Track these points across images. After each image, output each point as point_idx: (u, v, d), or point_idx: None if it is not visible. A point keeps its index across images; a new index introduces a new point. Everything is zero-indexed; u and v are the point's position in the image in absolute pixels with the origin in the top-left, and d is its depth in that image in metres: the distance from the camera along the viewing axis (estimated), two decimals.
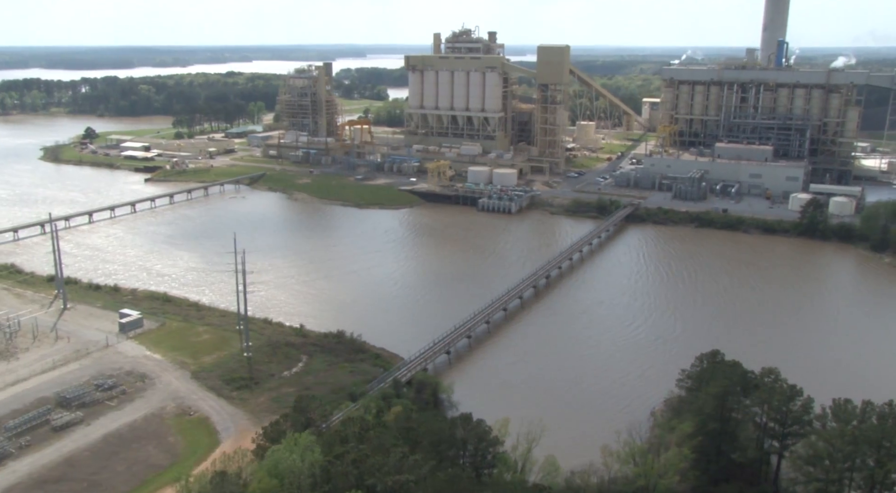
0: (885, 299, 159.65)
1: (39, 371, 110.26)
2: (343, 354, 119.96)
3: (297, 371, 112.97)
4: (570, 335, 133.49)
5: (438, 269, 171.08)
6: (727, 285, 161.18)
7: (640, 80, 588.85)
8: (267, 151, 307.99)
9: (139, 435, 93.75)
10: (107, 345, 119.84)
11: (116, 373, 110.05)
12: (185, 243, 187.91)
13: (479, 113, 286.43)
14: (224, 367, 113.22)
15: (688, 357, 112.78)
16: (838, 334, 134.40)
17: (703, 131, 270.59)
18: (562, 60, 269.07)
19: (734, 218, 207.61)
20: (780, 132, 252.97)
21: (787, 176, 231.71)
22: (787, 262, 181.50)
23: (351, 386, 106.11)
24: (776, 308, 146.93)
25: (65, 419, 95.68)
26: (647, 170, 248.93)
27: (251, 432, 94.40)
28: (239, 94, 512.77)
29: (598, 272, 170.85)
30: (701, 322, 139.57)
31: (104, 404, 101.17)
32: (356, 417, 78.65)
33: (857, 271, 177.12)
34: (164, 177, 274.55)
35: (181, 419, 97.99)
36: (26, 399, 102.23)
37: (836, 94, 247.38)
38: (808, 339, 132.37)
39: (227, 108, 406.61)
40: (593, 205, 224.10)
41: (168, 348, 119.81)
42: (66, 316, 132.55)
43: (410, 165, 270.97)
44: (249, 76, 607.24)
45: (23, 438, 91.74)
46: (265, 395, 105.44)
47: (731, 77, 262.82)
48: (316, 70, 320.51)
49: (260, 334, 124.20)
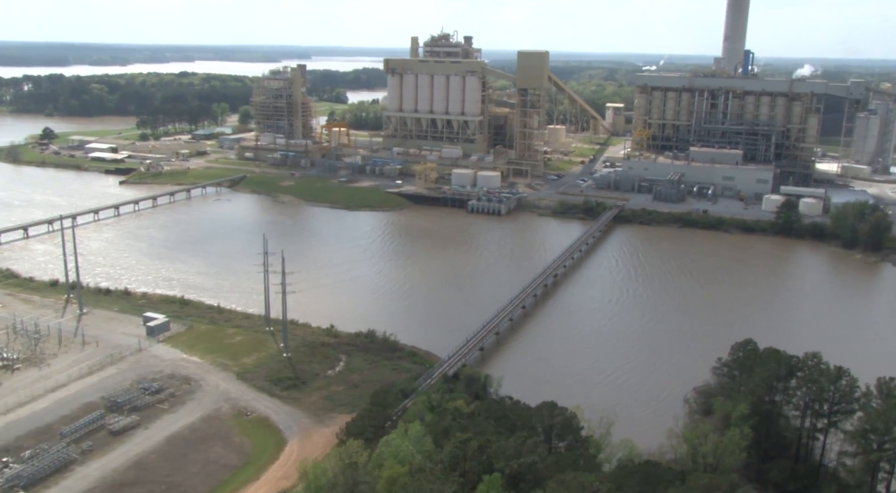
0: (865, 290, 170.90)
1: (77, 377, 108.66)
2: (380, 352, 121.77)
3: (341, 370, 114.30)
4: (591, 329, 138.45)
5: (448, 269, 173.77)
6: (725, 279, 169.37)
7: (593, 85, 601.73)
8: (242, 153, 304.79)
9: (202, 437, 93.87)
10: (139, 349, 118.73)
11: (158, 376, 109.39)
12: (185, 247, 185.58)
13: (459, 116, 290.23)
14: (267, 368, 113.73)
15: (706, 348, 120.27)
16: (841, 322, 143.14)
17: (675, 136, 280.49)
18: (541, 65, 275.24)
19: (715, 218, 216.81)
20: (747, 137, 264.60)
21: (757, 178, 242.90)
22: (772, 259, 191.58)
23: (400, 383, 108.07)
24: (778, 300, 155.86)
25: (122, 423, 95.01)
26: (626, 172, 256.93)
27: (315, 429, 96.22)
28: (196, 95, 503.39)
29: (600, 270, 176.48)
30: (709, 315, 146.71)
31: (156, 408, 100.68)
32: (449, 407, 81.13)
33: (833, 266, 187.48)
34: (139, 179, 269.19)
35: (240, 420, 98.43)
36: (72, 405, 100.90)
37: (798, 102, 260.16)
38: (817, 325, 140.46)
39: (191, 109, 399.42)
40: (580, 206, 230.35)
41: (203, 350, 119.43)
42: (86, 321, 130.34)
43: (393, 167, 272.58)
44: (204, 77, 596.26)
45: (83, 443, 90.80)
46: (315, 394, 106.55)
47: (701, 84, 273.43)
48: (290, 71, 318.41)
49: (292, 335, 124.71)
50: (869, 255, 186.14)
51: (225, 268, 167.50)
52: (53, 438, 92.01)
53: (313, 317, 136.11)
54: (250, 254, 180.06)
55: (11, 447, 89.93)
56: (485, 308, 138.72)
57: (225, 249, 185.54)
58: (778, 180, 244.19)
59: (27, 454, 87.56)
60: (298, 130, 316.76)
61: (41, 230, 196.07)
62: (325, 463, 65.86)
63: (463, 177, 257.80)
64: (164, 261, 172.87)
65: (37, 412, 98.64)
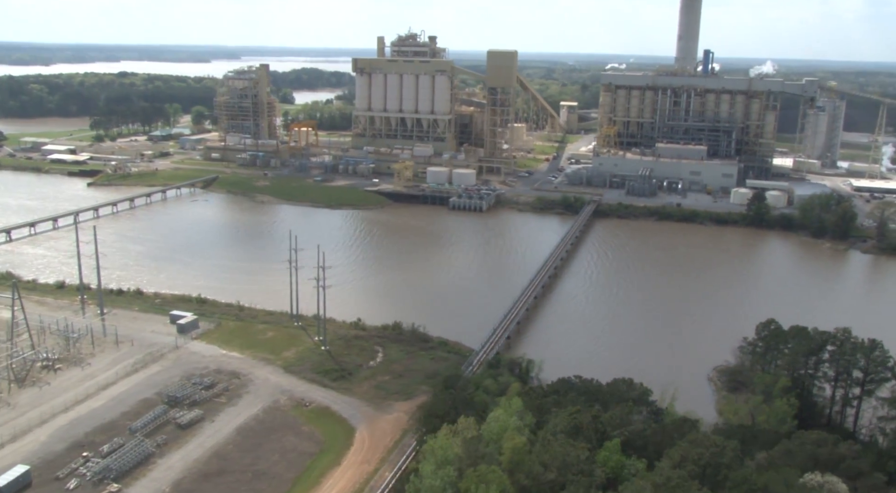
0: (839, 275, 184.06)
1: (124, 374, 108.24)
2: (412, 344, 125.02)
3: (381, 361, 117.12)
4: (601, 316, 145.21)
5: (449, 264, 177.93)
6: (713, 267, 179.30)
7: (535, 84, 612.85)
8: (209, 153, 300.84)
9: (270, 427, 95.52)
10: (176, 346, 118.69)
11: (205, 372, 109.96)
12: (180, 248, 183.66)
13: (429, 115, 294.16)
14: (309, 361, 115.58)
15: (712, 332, 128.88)
16: (830, 304, 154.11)
17: (640, 133, 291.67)
18: (511, 65, 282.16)
19: (689, 211, 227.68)
20: (710, 133, 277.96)
21: (723, 173, 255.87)
22: (750, 248, 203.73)
23: (444, 370, 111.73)
24: (764, 285, 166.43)
25: (188, 417, 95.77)
26: (597, 168, 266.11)
27: (378, 416, 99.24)
28: (141, 95, 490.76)
29: (593, 262, 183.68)
30: (708, 301, 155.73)
31: (213, 402, 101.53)
32: (534, 388, 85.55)
33: (806, 254, 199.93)
34: (107, 181, 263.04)
35: (301, 411, 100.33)
36: (129, 401, 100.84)
37: (756, 99, 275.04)
38: (810, 307, 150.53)
39: (144, 110, 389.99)
40: (559, 202, 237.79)
41: (240, 346, 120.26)
42: (111, 321, 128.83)
43: (367, 166, 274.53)
44: (145, 77, 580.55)
45: (157, 437, 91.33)
46: (365, 384, 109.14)
47: (664, 83, 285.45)
48: (256, 71, 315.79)
49: (318, 328, 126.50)
50: (837, 243, 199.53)
51: (230, 267, 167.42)
52: (122, 433, 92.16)
53: (335, 312, 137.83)
54: (252, 253, 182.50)
55: (84, 443, 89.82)
56: (495, 299, 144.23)
57: (223, 248, 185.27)
58: (742, 175, 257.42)
59: (105, 448, 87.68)
60: (264, 131, 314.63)
61: (23, 233, 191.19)
62: (445, 440, 69.26)
63: (438, 175, 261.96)
64: (164, 262, 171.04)
65: (95, 409, 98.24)
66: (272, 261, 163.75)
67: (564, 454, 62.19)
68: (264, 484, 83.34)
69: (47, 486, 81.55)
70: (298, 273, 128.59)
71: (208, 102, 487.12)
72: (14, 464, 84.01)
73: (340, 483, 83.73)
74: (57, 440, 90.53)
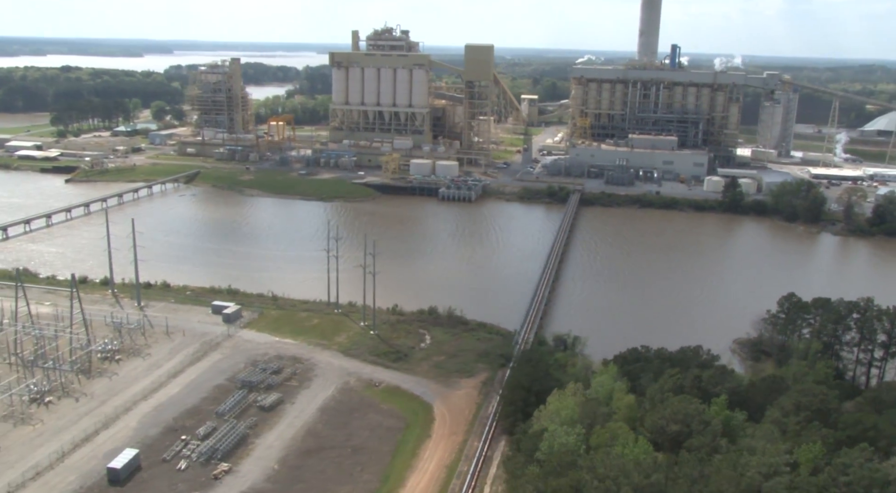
0: (822, 254, 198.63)
1: (188, 363, 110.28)
2: (453, 326, 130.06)
3: (431, 343, 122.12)
4: (614, 296, 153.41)
5: (461, 252, 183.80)
6: (706, 248, 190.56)
7: None
8: (183, 148, 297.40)
9: (350, 407, 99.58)
10: (228, 335, 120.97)
11: (268, 358, 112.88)
12: (193, 242, 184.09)
13: (407, 108, 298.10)
14: (363, 345, 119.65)
15: (720, 309, 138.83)
16: (818, 277, 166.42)
17: (610, 124, 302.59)
18: (488, 59, 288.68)
19: (669, 199, 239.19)
20: (678, 125, 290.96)
21: (694, 162, 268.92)
22: (730, 232, 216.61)
23: (495, 349, 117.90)
24: (765, 262, 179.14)
25: (269, 400, 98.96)
26: (574, 159, 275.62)
27: (449, 393, 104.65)
28: (91, 90, 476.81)
29: (592, 246, 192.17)
30: (716, 280, 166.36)
31: (286, 385, 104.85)
32: (619, 356, 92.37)
33: (784, 237, 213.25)
34: (86, 177, 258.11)
35: (373, 390, 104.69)
36: (204, 388, 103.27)
37: (721, 92, 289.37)
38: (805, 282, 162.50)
39: (105, 105, 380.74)
40: (544, 191, 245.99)
41: (291, 332, 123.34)
42: (152, 312, 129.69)
43: (349, 159, 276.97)
44: (91, 72, 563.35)
45: (246, 419, 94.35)
46: (423, 364, 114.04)
47: (634, 76, 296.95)
48: (229, 65, 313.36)
49: (364, 314, 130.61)
50: (810, 226, 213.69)
51: (248, 258, 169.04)
52: (209, 417, 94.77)
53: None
54: (264, 245, 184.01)
55: (176, 427, 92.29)
56: (513, 284, 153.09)
57: (234, 242, 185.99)
58: (711, 164, 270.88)
59: (201, 431, 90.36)
60: (239, 125, 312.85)
61: (18, 231, 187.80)
62: (562, 402, 75.26)
63: (422, 167, 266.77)
64: (178, 256, 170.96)
65: (174, 396, 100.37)
66: (286, 252, 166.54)
67: (684, 409, 69.08)
68: (365, 457, 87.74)
69: (157, 468, 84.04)
70: (338, 261, 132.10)
71: (162, 96, 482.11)
72: (118, 449, 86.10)
73: (437, 454, 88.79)
74: (148, 426, 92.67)
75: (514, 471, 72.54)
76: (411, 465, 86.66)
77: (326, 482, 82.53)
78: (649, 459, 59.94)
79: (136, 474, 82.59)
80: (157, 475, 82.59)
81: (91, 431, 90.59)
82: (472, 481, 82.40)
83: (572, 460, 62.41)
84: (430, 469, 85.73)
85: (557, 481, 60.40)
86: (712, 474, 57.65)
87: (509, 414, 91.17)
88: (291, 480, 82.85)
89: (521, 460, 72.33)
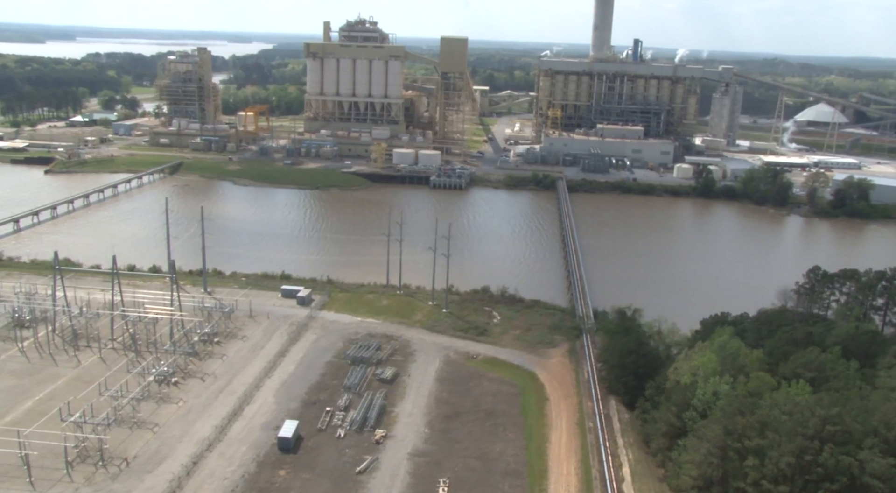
0: (795, 234, 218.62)
1: (287, 343, 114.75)
2: (511, 304, 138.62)
3: (502, 318, 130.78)
4: (638, 271, 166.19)
5: (482, 235, 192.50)
6: (702, 228, 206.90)
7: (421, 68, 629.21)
8: (156, 139, 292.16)
9: (462, 376, 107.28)
10: (312, 317, 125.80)
11: (362, 336, 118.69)
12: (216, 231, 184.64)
13: (383, 99, 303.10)
14: (442, 322, 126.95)
15: (733, 282, 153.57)
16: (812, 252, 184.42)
17: (577, 115, 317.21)
18: (462, 51, 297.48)
19: (646, 185, 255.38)
20: (641, 115, 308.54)
21: (661, 151, 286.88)
22: (710, 215, 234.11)
23: (562, 323, 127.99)
24: (753, 242, 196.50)
25: (388, 373, 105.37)
26: (549, 148, 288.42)
27: (543, 361, 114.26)
28: (24, 79, 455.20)
29: (599, 228, 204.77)
30: (721, 256, 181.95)
31: (393, 360, 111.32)
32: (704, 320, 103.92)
33: (756, 218, 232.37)
34: (65, 168, 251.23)
35: (474, 361, 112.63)
36: (318, 364, 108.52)
37: (680, 85, 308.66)
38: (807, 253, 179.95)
39: (56, 94, 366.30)
40: (529, 179, 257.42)
41: (369, 313, 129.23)
42: (225, 297, 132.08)
43: (331, 149, 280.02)
44: (17, 59, 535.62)
45: (377, 391, 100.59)
46: (505, 337, 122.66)
47: (599, 69, 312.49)
48: (199, 54, 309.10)
49: (426, 294, 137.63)
50: (779, 210, 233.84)
51: (284, 244, 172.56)
52: (337, 391, 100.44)
53: (424, 281, 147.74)
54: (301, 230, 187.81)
55: (314, 400, 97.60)
56: (540, 263, 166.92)
57: (262, 230, 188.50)
58: (676, 152, 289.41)
59: (341, 403, 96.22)
60: (210, 115, 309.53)
61: (28, 223, 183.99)
62: (704, 356, 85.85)
63: (405, 156, 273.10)
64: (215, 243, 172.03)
65: (294, 373, 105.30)
66: (335, 235, 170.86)
67: (816, 358, 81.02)
68: (500, 419, 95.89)
69: (317, 436, 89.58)
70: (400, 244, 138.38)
71: (99, 85, 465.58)
72: (271, 421, 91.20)
73: (564, 414, 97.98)
74: (286, 400, 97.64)
75: (668, 419, 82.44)
76: (545, 423, 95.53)
77: (479, 441, 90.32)
78: (819, 396, 71.25)
79: (301, 442, 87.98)
80: (320, 443, 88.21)
81: (236, 406, 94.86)
82: (604, 434, 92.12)
83: (754, 401, 72.98)
84: (563, 426, 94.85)
85: (745, 419, 70.81)
86: (877, 405, 69.55)
87: (620, 376, 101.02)
88: (446, 441, 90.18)
89: (673, 409, 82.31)
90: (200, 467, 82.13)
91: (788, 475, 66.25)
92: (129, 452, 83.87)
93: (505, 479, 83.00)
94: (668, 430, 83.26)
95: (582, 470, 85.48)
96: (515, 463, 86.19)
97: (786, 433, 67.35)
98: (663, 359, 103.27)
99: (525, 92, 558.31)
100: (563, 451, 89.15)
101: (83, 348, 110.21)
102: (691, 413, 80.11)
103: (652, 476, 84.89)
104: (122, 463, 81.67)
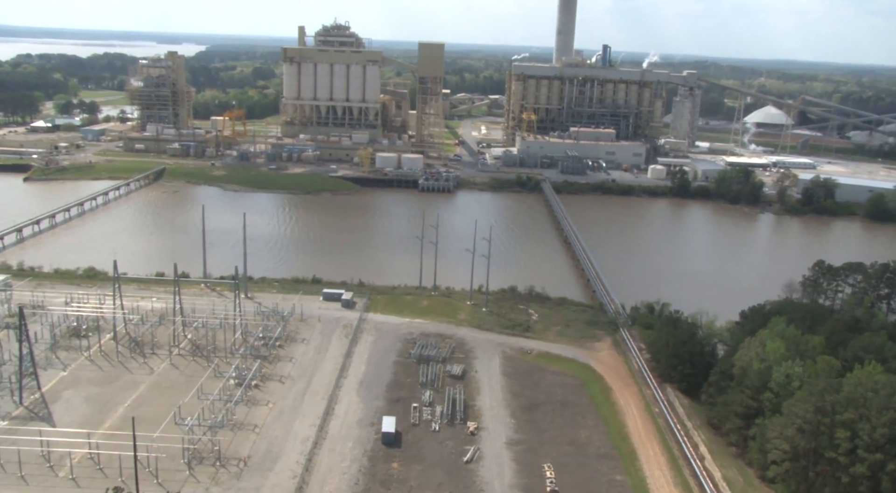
0: (772, 230, 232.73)
1: (348, 344, 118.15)
2: (543, 302, 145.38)
3: (540, 315, 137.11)
4: (647, 266, 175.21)
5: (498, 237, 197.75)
6: (692, 225, 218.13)
7: (389, 72, 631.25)
8: (131, 144, 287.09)
9: (524, 370, 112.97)
10: (361, 319, 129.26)
11: (415, 336, 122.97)
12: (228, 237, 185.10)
13: (360, 103, 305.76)
14: (487, 320, 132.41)
15: (736, 276, 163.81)
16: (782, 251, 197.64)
17: (548, 118, 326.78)
18: (440, 55, 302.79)
19: (625, 185, 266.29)
20: (611, 118, 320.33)
21: (633, 153, 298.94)
22: (689, 214, 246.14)
23: (597, 318, 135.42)
24: (740, 239, 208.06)
25: (456, 370, 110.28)
26: (526, 151, 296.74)
27: (591, 353, 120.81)
28: None
29: (595, 226, 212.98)
30: (724, 250, 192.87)
31: (454, 358, 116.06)
32: (743, 312, 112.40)
33: (732, 216, 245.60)
34: (44, 175, 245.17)
35: (529, 356, 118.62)
36: (386, 363, 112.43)
37: (647, 88, 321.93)
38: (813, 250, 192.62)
39: (13, 98, 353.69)
40: (513, 181, 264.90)
41: (414, 313, 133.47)
42: (268, 303, 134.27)
43: (312, 154, 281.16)
44: None
45: (455, 386, 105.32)
46: (548, 333, 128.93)
47: (570, 73, 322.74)
48: (172, 59, 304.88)
49: (454, 295, 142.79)
50: (752, 208, 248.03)
51: (306, 250, 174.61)
52: (414, 388, 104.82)
53: (452, 280, 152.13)
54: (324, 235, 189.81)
55: (397, 397, 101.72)
56: (552, 261, 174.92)
57: (280, 236, 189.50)
58: (648, 154, 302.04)
59: (425, 398, 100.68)
60: (184, 120, 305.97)
61: (29, 232, 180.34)
62: (773, 343, 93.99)
63: (388, 160, 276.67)
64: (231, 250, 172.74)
65: (365, 372, 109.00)
66: (329, 242, 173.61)
67: (873, 341, 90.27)
68: (575, 409, 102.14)
69: (413, 431, 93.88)
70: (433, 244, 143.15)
71: (44, 88, 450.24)
72: (366, 418, 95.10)
73: (631, 401, 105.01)
74: (370, 398, 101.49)
75: (743, 402, 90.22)
76: (616, 410, 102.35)
77: (563, 429, 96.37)
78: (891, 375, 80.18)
79: (402, 436, 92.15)
80: (419, 437, 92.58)
81: (325, 406, 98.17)
82: (672, 418, 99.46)
83: (838, 380, 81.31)
84: (634, 413, 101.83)
85: (833, 396, 79.01)
86: None
87: (676, 365, 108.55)
88: (534, 430, 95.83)
89: (748, 392, 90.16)
90: (315, 463, 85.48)
91: (881, 444, 74.58)
92: (241, 452, 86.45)
93: (600, 462, 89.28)
94: (744, 411, 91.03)
95: (665, 451, 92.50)
96: (604, 447, 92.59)
97: (875, 408, 75.69)
98: (711, 348, 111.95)
99: (479, 95, 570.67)
100: (643, 434, 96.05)
101: (149, 355, 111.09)
102: (768, 395, 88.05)
103: (727, 454, 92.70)
104: (239, 463, 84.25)
